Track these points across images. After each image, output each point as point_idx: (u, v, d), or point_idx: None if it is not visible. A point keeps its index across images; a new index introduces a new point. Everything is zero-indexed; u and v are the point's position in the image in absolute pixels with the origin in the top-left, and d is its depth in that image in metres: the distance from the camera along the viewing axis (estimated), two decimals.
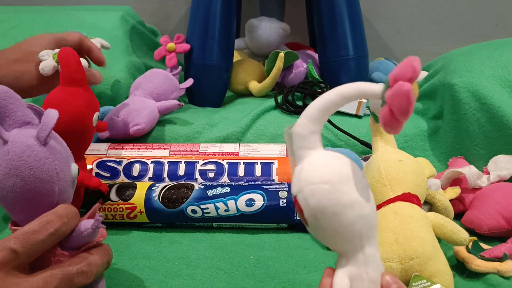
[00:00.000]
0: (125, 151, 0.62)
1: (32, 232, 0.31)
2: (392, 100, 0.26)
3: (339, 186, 0.28)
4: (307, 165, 0.30)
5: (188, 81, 0.75)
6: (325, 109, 0.30)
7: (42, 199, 0.33)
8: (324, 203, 0.28)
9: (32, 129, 0.34)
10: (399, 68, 0.27)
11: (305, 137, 0.30)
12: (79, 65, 0.48)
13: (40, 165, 0.33)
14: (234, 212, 0.51)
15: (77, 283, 0.32)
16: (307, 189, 0.29)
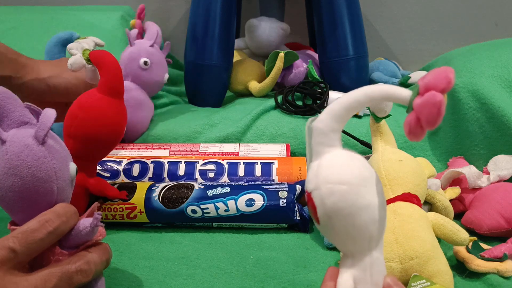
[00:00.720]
0: (125, 151, 0.62)
1: (31, 231, 0.31)
2: (422, 109, 0.26)
3: (357, 188, 0.28)
4: (326, 162, 0.29)
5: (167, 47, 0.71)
6: (350, 107, 0.29)
7: (40, 198, 0.33)
8: (340, 204, 0.28)
9: (30, 129, 0.34)
10: (433, 76, 0.26)
11: (325, 134, 0.30)
12: (122, 77, 0.48)
13: (38, 164, 0.33)
14: (234, 212, 0.51)
15: (76, 282, 0.32)
16: (325, 188, 0.28)
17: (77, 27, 0.84)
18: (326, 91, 0.72)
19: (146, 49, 0.66)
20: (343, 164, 0.29)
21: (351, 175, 0.28)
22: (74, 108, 0.46)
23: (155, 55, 0.66)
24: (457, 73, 0.67)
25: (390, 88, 0.28)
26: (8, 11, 0.89)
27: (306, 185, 0.30)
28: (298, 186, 0.53)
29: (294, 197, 0.51)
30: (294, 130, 0.68)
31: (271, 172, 0.57)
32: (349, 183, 0.28)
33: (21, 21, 0.85)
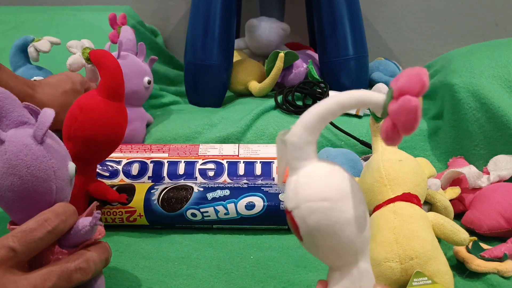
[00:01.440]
0: (123, 153, 0.62)
1: (30, 230, 0.31)
2: (397, 114, 0.25)
3: (339, 203, 0.27)
4: (303, 178, 0.28)
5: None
6: (323, 117, 0.28)
7: (39, 198, 0.33)
8: (323, 222, 0.27)
9: (29, 129, 0.34)
10: (406, 80, 0.25)
11: (300, 148, 0.28)
12: (122, 78, 0.47)
13: (37, 164, 0.33)
14: (234, 216, 0.51)
15: (75, 280, 0.32)
16: (305, 206, 0.27)
17: (77, 27, 0.85)
18: (326, 91, 0.72)
19: None
20: (321, 179, 0.28)
21: (331, 190, 0.27)
22: (73, 109, 0.45)
23: (124, 66, 0.63)
24: (457, 73, 0.67)
25: (362, 93, 0.27)
26: (8, 11, 0.89)
27: (285, 203, 0.29)
28: None
29: None
30: None
31: (271, 171, 0.56)
32: (330, 199, 0.27)
33: (21, 21, 0.85)
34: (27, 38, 0.68)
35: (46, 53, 0.67)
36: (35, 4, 1.05)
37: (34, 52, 0.67)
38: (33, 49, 0.67)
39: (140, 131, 0.68)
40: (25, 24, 0.85)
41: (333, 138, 0.68)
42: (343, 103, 0.27)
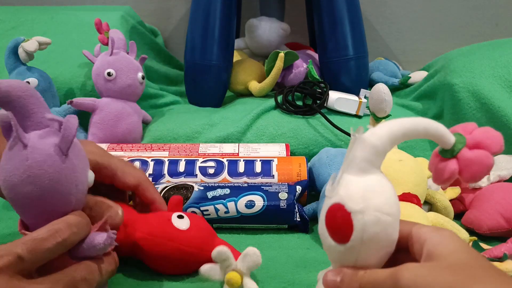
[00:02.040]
0: (124, 152, 0.62)
1: (40, 239, 0.31)
2: (470, 164, 0.26)
3: (396, 222, 0.28)
4: (377, 186, 0.28)
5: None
6: (407, 133, 0.28)
7: (57, 209, 0.33)
8: (381, 234, 0.27)
9: (52, 136, 0.33)
10: (486, 136, 0.26)
11: (378, 153, 0.28)
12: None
13: (60, 177, 0.32)
14: (234, 214, 0.51)
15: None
16: (372, 215, 0.27)
17: (77, 27, 0.84)
18: (326, 91, 0.72)
19: (107, 61, 0.66)
20: (391, 194, 0.28)
21: (396, 208, 0.28)
22: None
23: (118, 61, 0.66)
24: (457, 73, 0.67)
25: (444, 129, 0.28)
26: (8, 11, 0.89)
27: (344, 199, 0.28)
28: (298, 187, 0.53)
29: (294, 198, 0.51)
30: (294, 130, 0.68)
31: (270, 169, 0.56)
32: (394, 216, 0.28)
33: (21, 21, 0.85)
34: (18, 39, 0.68)
35: (32, 52, 0.68)
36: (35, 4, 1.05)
37: (23, 53, 0.67)
38: (21, 50, 0.67)
39: (137, 125, 0.69)
40: (25, 24, 0.85)
41: (333, 138, 0.68)
42: (429, 130, 0.27)
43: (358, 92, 0.76)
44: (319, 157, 0.58)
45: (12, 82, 0.32)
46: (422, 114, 0.74)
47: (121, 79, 0.66)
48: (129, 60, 0.68)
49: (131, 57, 0.69)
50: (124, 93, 0.67)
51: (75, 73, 0.75)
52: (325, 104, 0.72)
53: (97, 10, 0.93)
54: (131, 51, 0.70)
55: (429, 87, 0.75)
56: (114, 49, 0.67)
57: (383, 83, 0.52)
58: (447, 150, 0.27)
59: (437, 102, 0.72)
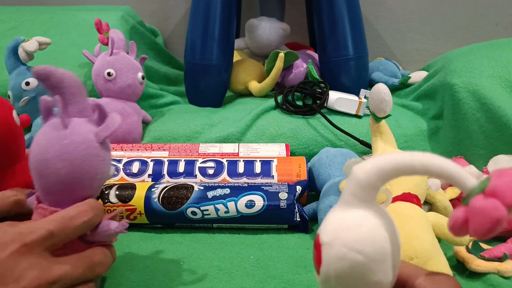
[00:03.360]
0: (124, 151, 0.62)
1: (69, 217, 0.33)
2: (475, 213, 0.22)
3: (374, 263, 0.25)
4: (352, 221, 0.26)
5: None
6: (401, 170, 0.25)
7: (79, 191, 0.35)
8: (347, 272, 0.25)
9: (92, 124, 0.36)
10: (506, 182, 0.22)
11: (363, 188, 0.26)
12: None
13: (92, 160, 0.35)
14: (234, 214, 0.51)
15: (97, 272, 0.34)
16: (339, 250, 0.25)
17: (77, 27, 0.85)
18: (326, 91, 0.72)
19: (107, 61, 0.66)
20: (371, 232, 0.25)
21: (373, 248, 0.25)
22: None
23: (118, 61, 0.67)
24: (457, 73, 0.67)
25: (452, 168, 0.23)
26: (8, 11, 0.89)
27: (320, 230, 0.27)
28: (298, 187, 0.53)
29: (294, 198, 0.51)
30: (294, 130, 0.68)
31: (270, 169, 0.56)
32: (367, 256, 0.25)
33: (21, 21, 0.85)
34: (18, 39, 0.68)
35: (32, 52, 0.68)
36: (35, 4, 1.05)
37: (23, 53, 0.68)
38: (21, 50, 0.67)
39: (137, 125, 0.69)
40: (25, 24, 0.85)
41: (333, 138, 0.68)
42: (429, 168, 0.24)
43: (358, 92, 0.76)
44: (319, 157, 0.58)
45: (67, 72, 0.35)
46: (422, 114, 0.74)
47: (121, 79, 0.66)
48: (129, 60, 0.68)
49: (131, 57, 0.69)
50: (124, 93, 0.67)
51: (75, 73, 0.73)
52: (325, 104, 0.72)
53: (97, 10, 0.93)
54: (131, 51, 0.70)
55: (429, 87, 0.75)
56: (114, 49, 0.67)
57: (383, 83, 0.52)
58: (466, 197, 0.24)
59: (437, 102, 0.72)
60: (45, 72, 0.34)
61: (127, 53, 0.70)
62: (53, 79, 0.34)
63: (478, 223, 0.22)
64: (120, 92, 0.67)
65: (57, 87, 0.35)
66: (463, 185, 0.23)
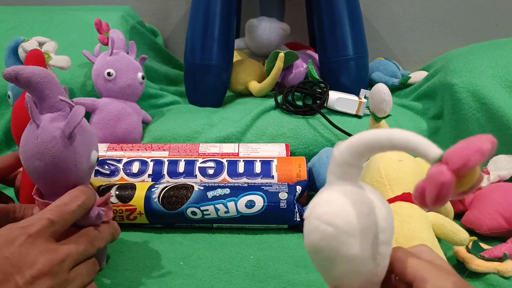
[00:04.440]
0: (124, 151, 0.62)
1: (64, 204, 0.36)
2: (427, 182, 0.22)
3: (344, 236, 0.26)
4: (327, 196, 0.27)
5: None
6: (370, 146, 0.26)
7: (60, 183, 0.38)
8: (320, 244, 0.27)
9: (61, 120, 0.38)
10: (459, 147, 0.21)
11: (339, 165, 0.27)
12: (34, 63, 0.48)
13: (61, 156, 0.37)
14: (234, 214, 0.51)
15: (96, 245, 0.37)
16: (312, 222, 0.27)
17: (77, 27, 0.84)
18: (326, 91, 0.72)
19: (107, 61, 0.66)
20: (341, 206, 0.27)
21: (343, 220, 0.26)
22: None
23: (118, 61, 0.66)
24: (457, 73, 0.67)
25: (416, 139, 0.24)
26: (8, 11, 0.89)
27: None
28: (298, 187, 0.53)
29: (294, 198, 0.51)
30: (294, 130, 0.68)
31: (270, 169, 0.56)
32: (337, 227, 0.26)
33: (21, 21, 0.85)
34: (18, 39, 0.68)
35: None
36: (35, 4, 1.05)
37: (23, 53, 0.68)
38: (21, 50, 0.67)
39: (137, 125, 0.69)
40: (24, 24, 0.85)
41: (333, 138, 0.68)
42: (393, 141, 0.25)
43: (358, 92, 0.76)
44: (319, 157, 0.58)
45: (34, 69, 0.37)
46: (422, 114, 0.74)
47: (121, 79, 0.66)
48: (129, 60, 0.68)
49: (131, 57, 0.69)
50: (124, 93, 0.67)
51: (75, 73, 0.75)
52: (325, 104, 0.72)
53: (97, 10, 0.93)
54: (131, 51, 0.70)
55: (429, 87, 0.75)
56: (114, 49, 0.67)
57: (383, 83, 0.52)
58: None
59: (437, 102, 0.71)
60: (13, 73, 0.36)
61: (127, 53, 0.70)
62: (21, 79, 0.36)
63: (428, 190, 0.22)
64: (120, 92, 0.67)
65: (27, 86, 0.37)
66: (427, 156, 0.23)
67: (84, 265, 0.36)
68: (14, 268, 0.31)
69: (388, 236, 0.28)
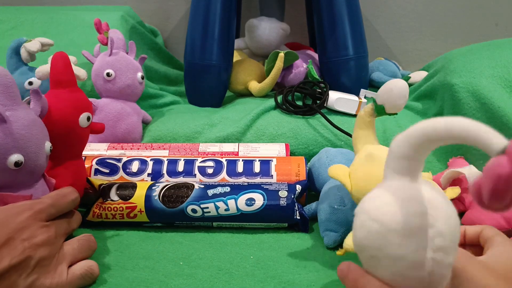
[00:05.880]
0: (125, 150, 0.62)
1: (62, 195, 0.43)
2: (485, 175, 0.20)
3: (391, 233, 0.24)
4: (378, 192, 0.26)
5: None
6: (427, 136, 0.24)
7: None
8: (366, 241, 0.25)
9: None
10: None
11: (396, 158, 0.25)
12: (65, 67, 0.48)
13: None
14: (234, 212, 0.51)
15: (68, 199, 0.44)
16: (360, 218, 0.26)
17: (77, 27, 0.85)
18: (326, 91, 0.72)
19: (106, 61, 0.66)
20: (391, 202, 0.25)
21: (391, 217, 0.24)
22: None
23: (117, 61, 0.66)
24: (457, 73, 0.67)
25: (477, 128, 0.21)
26: (8, 11, 0.89)
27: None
28: (298, 186, 0.53)
29: (294, 197, 0.51)
30: (294, 130, 0.68)
31: (269, 169, 0.56)
32: (383, 224, 0.24)
33: (21, 21, 0.85)
34: (20, 40, 0.68)
35: (34, 53, 0.68)
36: (35, 4, 1.05)
37: (25, 53, 0.68)
38: (24, 50, 0.67)
39: (137, 125, 0.69)
40: (24, 24, 0.85)
41: (333, 138, 0.68)
42: (452, 131, 0.22)
43: (358, 92, 0.76)
44: (319, 157, 0.58)
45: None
46: (422, 114, 0.74)
47: (120, 79, 0.66)
48: (128, 60, 0.68)
49: (131, 57, 0.69)
50: (124, 93, 0.67)
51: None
52: (325, 104, 0.72)
53: (97, 10, 0.93)
54: (131, 51, 0.70)
55: (429, 87, 0.75)
56: (113, 49, 0.67)
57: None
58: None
59: (437, 102, 0.72)
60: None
61: (127, 53, 0.70)
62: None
63: (487, 184, 0.19)
64: (119, 92, 0.67)
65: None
66: (489, 147, 0.21)
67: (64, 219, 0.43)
68: (17, 235, 0.37)
69: (448, 241, 0.25)
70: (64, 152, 0.49)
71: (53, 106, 0.47)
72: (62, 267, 0.40)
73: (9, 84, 0.41)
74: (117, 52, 0.68)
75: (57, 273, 0.39)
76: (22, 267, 0.36)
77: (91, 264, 0.42)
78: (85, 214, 0.52)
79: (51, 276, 0.39)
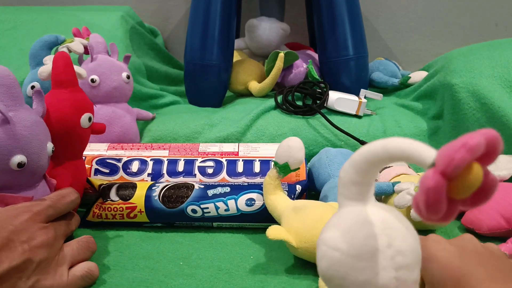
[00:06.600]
0: (124, 151, 0.62)
1: (62, 196, 0.43)
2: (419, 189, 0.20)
3: (353, 260, 0.24)
4: (334, 219, 0.26)
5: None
6: (368, 160, 0.24)
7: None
8: (330, 272, 0.25)
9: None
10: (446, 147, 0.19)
11: (345, 185, 0.26)
12: (66, 67, 0.48)
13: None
14: (234, 212, 0.51)
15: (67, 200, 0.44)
16: (320, 249, 0.26)
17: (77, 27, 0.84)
18: (326, 91, 0.72)
19: (89, 68, 0.64)
20: (347, 228, 0.25)
21: (349, 243, 0.24)
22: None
23: (99, 66, 0.64)
24: (457, 73, 0.67)
25: (411, 146, 0.22)
26: (8, 11, 0.89)
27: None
28: (298, 186, 0.53)
29: (294, 197, 0.51)
30: (294, 130, 0.68)
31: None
32: (343, 252, 0.24)
33: (21, 21, 0.85)
34: (58, 37, 0.66)
35: (79, 54, 0.67)
36: (35, 4, 1.05)
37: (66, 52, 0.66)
38: (66, 50, 0.66)
39: (130, 126, 0.67)
40: (24, 24, 0.85)
41: (333, 138, 0.68)
42: (389, 151, 0.23)
43: (358, 92, 0.77)
44: (319, 157, 0.58)
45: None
46: (422, 114, 0.74)
47: (106, 83, 0.65)
48: (111, 63, 0.66)
49: (113, 59, 0.67)
50: (112, 96, 0.66)
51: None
52: (325, 104, 0.72)
53: (97, 10, 0.93)
54: (113, 53, 0.68)
55: (429, 87, 0.75)
56: (94, 54, 0.65)
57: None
58: None
59: (437, 102, 0.72)
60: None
61: (109, 55, 0.68)
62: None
63: (419, 197, 0.20)
64: (107, 97, 0.65)
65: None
66: (423, 162, 0.21)
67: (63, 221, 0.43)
68: (16, 237, 0.37)
69: (409, 259, 0.25)
70: (65, 152, 0.49)
71: (54, 107, 0.46)
72: (63, 269, 0.40)
73: (11, 85, 0.41)
74: (98, 56, 0.66)
75: (57, 275, 0.39)
76: (22, 270, 0.36)
77: (90, 266, 0.42)
78: (85, 214, 0.52)
79: (52, 278, 0.38)
